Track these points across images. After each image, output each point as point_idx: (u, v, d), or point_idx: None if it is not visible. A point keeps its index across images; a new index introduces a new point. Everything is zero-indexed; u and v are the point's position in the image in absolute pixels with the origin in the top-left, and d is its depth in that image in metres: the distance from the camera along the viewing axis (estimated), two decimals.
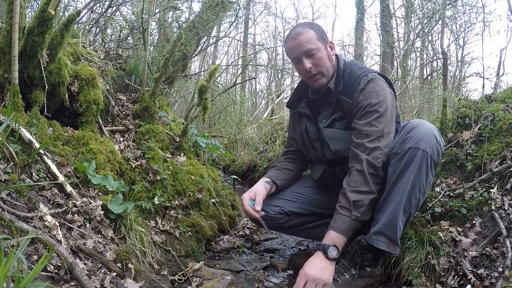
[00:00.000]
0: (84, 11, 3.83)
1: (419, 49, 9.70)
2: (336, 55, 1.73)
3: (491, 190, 1.76)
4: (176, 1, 4.78)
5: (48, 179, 1.51)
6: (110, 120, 2.41)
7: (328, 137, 1.68)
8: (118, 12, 4.77)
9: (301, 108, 1.81)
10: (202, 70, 7.35)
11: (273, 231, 2.62)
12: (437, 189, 1.99)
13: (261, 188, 1.75)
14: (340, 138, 1.66)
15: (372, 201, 1.50)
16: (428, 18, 8.18)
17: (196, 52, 4.75)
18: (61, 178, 1.53)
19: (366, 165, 1.50)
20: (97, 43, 3.46)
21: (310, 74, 1.65)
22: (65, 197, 1.52)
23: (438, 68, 9.17)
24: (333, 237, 1.45)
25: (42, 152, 1.55)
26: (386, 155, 1.53)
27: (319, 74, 1.64)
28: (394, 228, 1.48)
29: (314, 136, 1.76)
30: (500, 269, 1.40)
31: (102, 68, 2.49)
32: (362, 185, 1.49)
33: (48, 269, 1.12)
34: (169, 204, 2.03)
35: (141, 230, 1.66)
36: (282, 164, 1.92)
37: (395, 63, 7.49)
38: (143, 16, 3.24)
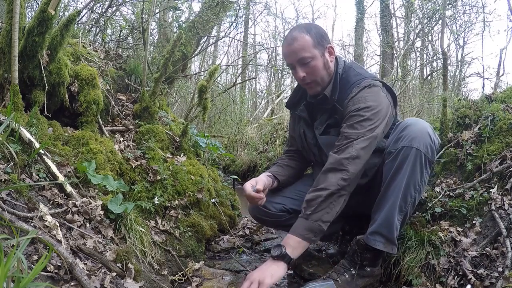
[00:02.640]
0: (84, 11, 3.83)
1: (419, 49, 9.70)
2: (336, 57, 1.68)
3: (491, 190, 1.76)
4: (176, 1, 4.77)
5: (48, 179, 1.51)
6: (110, 120, 2.41)
7: (323, 144, 1.67)
8: (118, 12, 4.78)
9: (300, 112, 1.79)
10: (202, 70, 7.35)
11: (273, 231, 2.62)
12: (437, 189, 1.99)
13: (262, 177, 1.74)
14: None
15: (329, 197, 1.43)
16: (428, 18, 8.19)
17: (196, 52, 4.75)
18: (61, 178, 1.53)
19: (332, 161, 1.47)
20: (97, 43, 3.45)
21: (304, 82, 1.63)
22: (65, 197, 1.52)
23: (438, 68, 9.17)
24: (286, 238, 1.46)
25: (42, 152, 1.55)
26: (361, 157, 1.46)
27: (313, 82, 1.61)
28: (390, 228, 1.48)
29: (312, 141, 1.75)
30: (500, 269, 1.40)
31: (102, 68, 2.49)
32: (320, 182, 1.47)
33: (48, 269, 1.12)
34: (169, 204, 2.03)
35: (141, 230, 1.66)
36: (283, 161, 1.92)
37: (395, 63, 7.48)
38: (143, 16, 3.24)
